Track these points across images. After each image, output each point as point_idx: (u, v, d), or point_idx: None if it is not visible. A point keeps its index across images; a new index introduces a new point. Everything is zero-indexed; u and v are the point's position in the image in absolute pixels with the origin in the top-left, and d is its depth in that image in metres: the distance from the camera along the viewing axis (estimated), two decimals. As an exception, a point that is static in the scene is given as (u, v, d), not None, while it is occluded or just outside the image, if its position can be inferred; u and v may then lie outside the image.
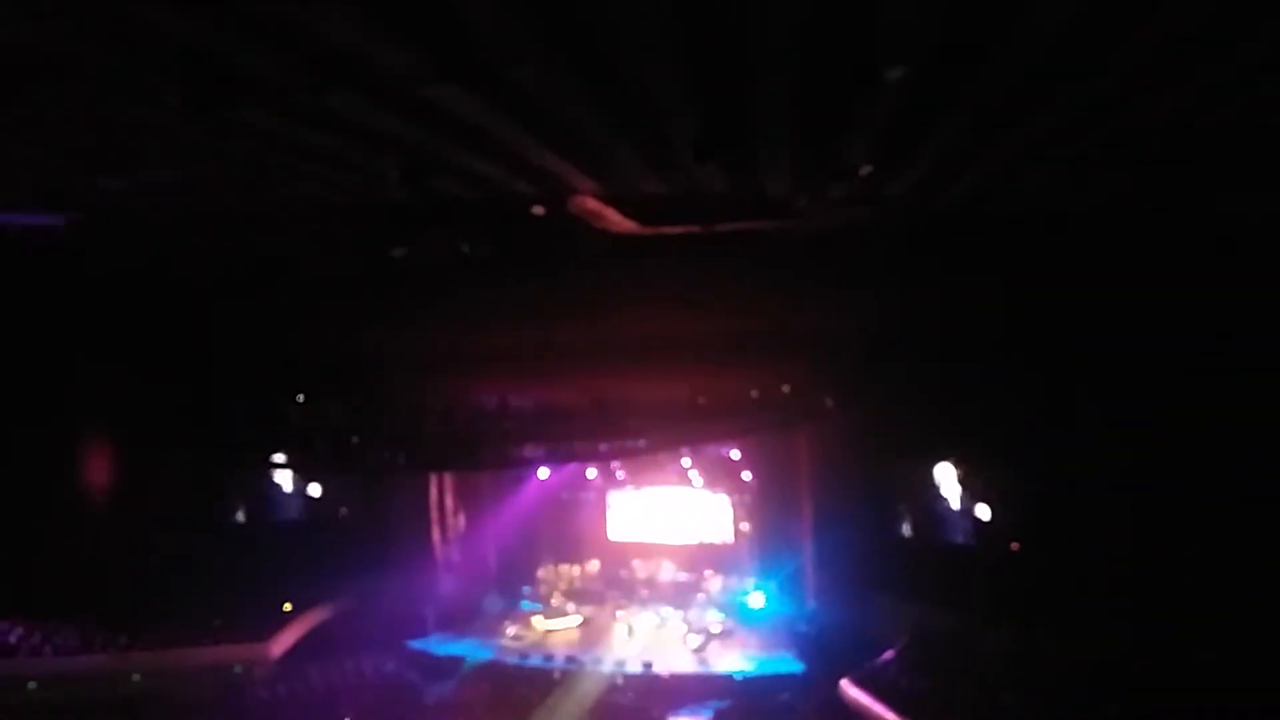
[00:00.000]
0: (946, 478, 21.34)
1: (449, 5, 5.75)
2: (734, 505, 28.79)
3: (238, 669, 21.55)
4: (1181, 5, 5.90)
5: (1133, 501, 17.11)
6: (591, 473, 29.64)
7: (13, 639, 21.00)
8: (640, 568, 29.25)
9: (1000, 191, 12.36)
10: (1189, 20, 6.11)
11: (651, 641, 25.05)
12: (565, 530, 30.22)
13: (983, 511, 20.89)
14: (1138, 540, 16.97)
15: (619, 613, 27.11)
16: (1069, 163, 10.64)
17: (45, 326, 20.45)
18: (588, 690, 21.88)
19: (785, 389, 23.16)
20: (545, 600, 28.08)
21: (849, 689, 19.16)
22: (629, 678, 22.52)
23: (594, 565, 29.64)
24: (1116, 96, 7.85)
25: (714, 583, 28.09)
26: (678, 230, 15.88)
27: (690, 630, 25.21)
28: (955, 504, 21.33)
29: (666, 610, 27.01)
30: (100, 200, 11.39)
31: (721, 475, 28.53)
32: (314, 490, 26.71)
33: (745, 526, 28.68)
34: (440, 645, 25.13)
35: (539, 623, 26.46)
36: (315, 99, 7.64)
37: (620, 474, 29.66)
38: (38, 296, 19.48)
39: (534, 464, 26.72)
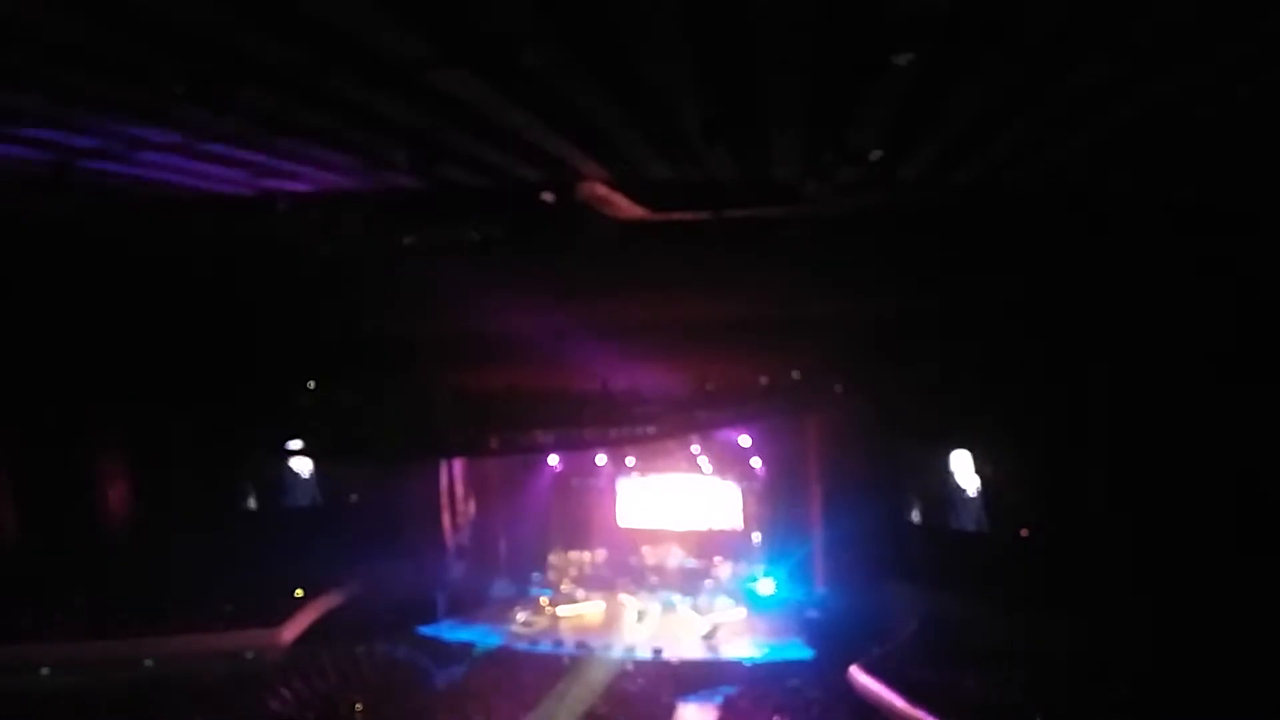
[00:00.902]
0: (959, 464, 21.29)
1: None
2: (743, 492, 28.79)
3: (250, 654, 21.67)
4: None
5: (1143, 487, 17.05)
6: (601, 459, 29.66)
7: (26, 624, 21.13)
8: (650, 554, 29.30)
9: (1010, 176, 12.27)
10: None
11: (661, 628, 25.12)
12: (575, 517, 30.29)
13: (992, 497, 20.83)
14: (1148, 526, 16.92)
15: (629, 599, 27.16)
16: (1077, 147, 10.56)
17: (60, 316, 20.50)
18: (598, 676, 21.93)
19: (795, 375, 23.12)
20: (555, 586, 28.16)
21: (858, 675, 19.16)
22: (639, 664, 22.62)
23: (602, 552, 29.70)
24: (1129, 77, 7.77)
25: (723, 569, 28.12)
26: (687, 216, 15.83)
27: (700, 616, 25.26)
28: (965, 490, 21.28)
29: (676, 596, 27.05)
30: (111, 184, 11.38)
31: (731, 462, 28.51)
32: (326, 479, 26.83)
33: (755, 514, 28.66)
34: (450, 631, 25.26)
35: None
36: (322, 84, 7.62)
37: (630, 461, 29.67)
38: (54, 286, 19.52)
39: (544, 450, 26.79)
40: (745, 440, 27.50)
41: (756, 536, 28.28)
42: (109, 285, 20.17)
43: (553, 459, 28.93)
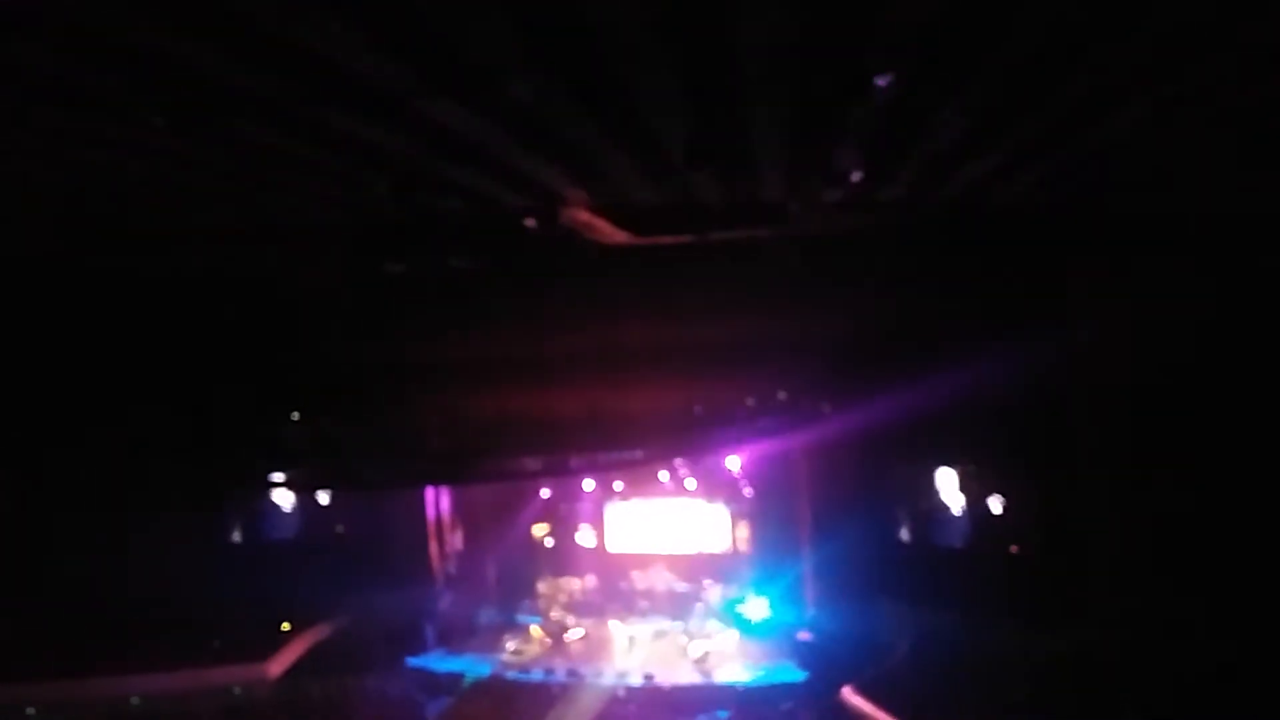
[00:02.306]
0: (946, 482, 21.30)
1: (439, 19, 5.71)
2: (732, 514, 28.70)
3: (237, 689, 21.40)
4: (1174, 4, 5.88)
5: (1135, 502, 17.06)
6: (589, 484, 29.53)
7: (9, 663, 20.81)
8: (639, 579, 29.13)
9: (996, 192, 12.34)
10: (1183, 17, 6.08)
11: (652, 653, 24.96)
12: (563, 543, 30.10)
13: (982, 515, 20.83)
14: (1140, 540, 16.92)
15: (619, 624, 27.00)
16: (1063, 162, 10.63)
17: (37, 344, 20.31)
18: (589, 703, 21.76)
19: (781, 396, 23.10)
20: (544, 614, 27.95)
21: (851, 697, 19.08)
22: (631, 690, 22.44)
23: (591, 578, 29.55)
24: (1111, 94, 7.83)
25: (713, 592, 27.96)
26: (671, 240, 15.86)
27: (691, 640, 25.12)
28: (954, 508, 21.28)
29: (666, 621, 26.91)
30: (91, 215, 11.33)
31: (719, 484, 28.43)
32: (312, 510, 26.65)
33: (744, 535, 28.58)
34: (440, 661, 25.02)
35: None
36: (304, 114, 7.59)
37: (618, 485, 29.55)
38: (32, 315, 19.36)
39: (531, 476, 26.69)
40: (733, 462, 27.43)
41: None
42: (90, 316, 20.02)
43: (544, 492, 28.93)
